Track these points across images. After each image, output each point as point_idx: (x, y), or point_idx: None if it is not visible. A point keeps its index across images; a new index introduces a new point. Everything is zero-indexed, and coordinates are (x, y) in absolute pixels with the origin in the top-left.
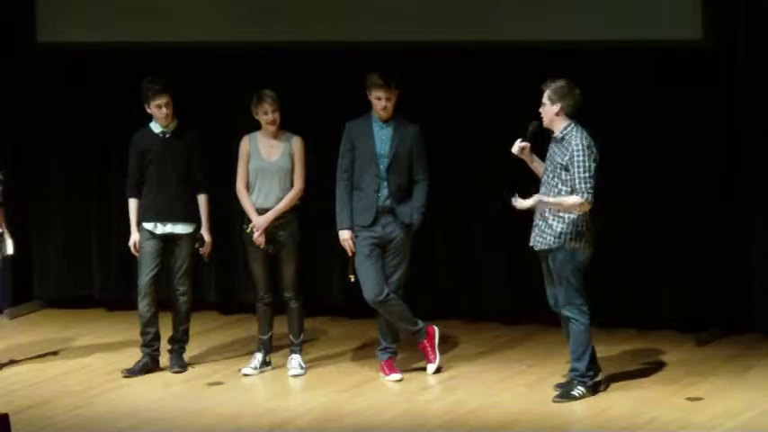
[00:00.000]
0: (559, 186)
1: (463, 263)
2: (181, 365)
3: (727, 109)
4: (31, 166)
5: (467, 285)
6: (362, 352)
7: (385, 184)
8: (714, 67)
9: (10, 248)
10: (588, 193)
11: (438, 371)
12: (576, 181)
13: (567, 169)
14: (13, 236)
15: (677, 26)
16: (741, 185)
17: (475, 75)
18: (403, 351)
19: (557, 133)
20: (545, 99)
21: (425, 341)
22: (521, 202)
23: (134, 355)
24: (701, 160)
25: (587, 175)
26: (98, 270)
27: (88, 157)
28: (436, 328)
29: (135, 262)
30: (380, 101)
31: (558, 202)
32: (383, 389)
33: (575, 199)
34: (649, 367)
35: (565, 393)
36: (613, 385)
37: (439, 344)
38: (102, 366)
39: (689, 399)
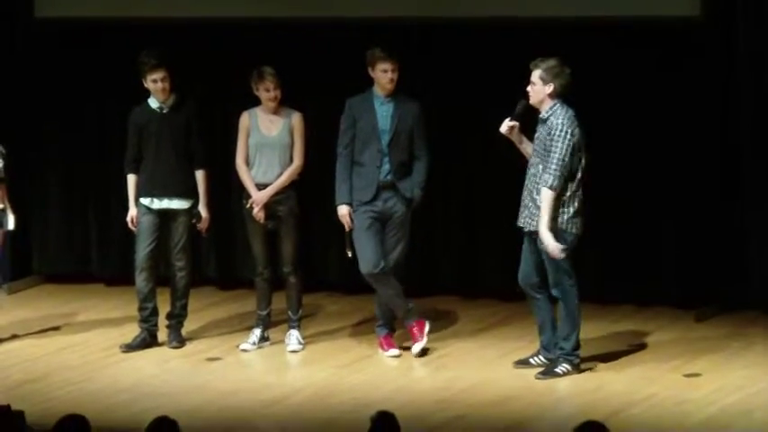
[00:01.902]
0: (541, 168)
1: (461, 239)
2: (179, 341)
3: (725, 87)
4: (30, 141)
5: (464, 262)
6: (361, 328)
7: (387, 159)
8: (713, 45)
9: (11, 224)
10: (554, 176)
11: (423, 353)
12: (549, 163)
13: (549, 151)
14: (15, 211)
15: (675, 2)
16: (740, 162)
17: (470, 51)
18: (401, 327)
19: (542, 114)
20: (536, 78)
21: (415, 324)
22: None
23: (132, 331)
24: (700, 137)
25: (558, 160)
26: (97, 245)
27: (87, 132)
28: (427, 323)
29: (133, 237)
30: (387, 73)
31: (544, 221)
32: (381, 364)
33: (544, 196)
34: (647, 344)
35: (549, 370)
36: (611, 362)
37: (428, 332)
38: (101, 341)
39: (687, 375)
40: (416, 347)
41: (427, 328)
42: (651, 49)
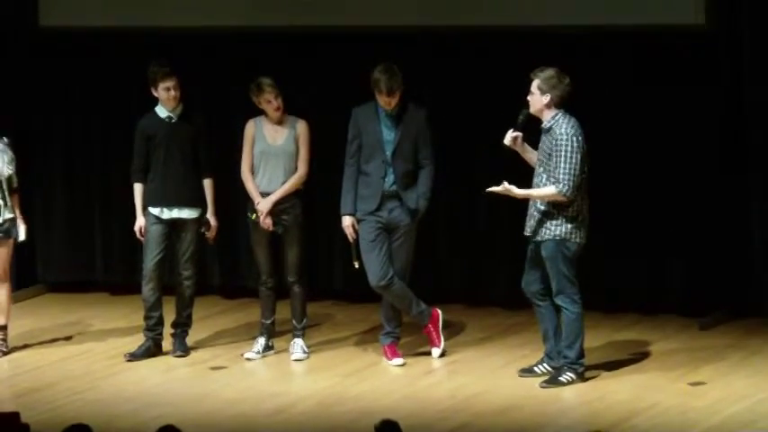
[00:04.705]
0: (545, 177)
1: (466, 248)
2: (184, 350)
3: (730, 94)
4: (34, 149)
5: (469, 270)
6: (365, 336)
7: (391, 169)
8: (717, 52)
9: (22, 234)
10: (567, 185)
11: (443, 355)
12: (557, 171)
13: (553, 160)
14: (26, 222)
15: (678, 10)
16: (746, 170)
17: (475, 60)
18: (406, 336)
19: (545, 123)
20: (534, 89)
21: (430, 325)
22: (493, 188)
23: (137, 340)
24: (704, 145)
25: (569, 166)
26: (101, 254)
27: (91, 141)
28: (439, 312)
29: (138, 246)
30: (386, 103)
31: (527, 193)
32: (386, 373)
33: (547, 190)
34: (651, 352)
35: (553, 379)
36: (615, 370)
37: (442, 327)
38: (105, 350)
39: (691, 384)
40: (435, 352)
41: (441, 321)
42: (656, 57)
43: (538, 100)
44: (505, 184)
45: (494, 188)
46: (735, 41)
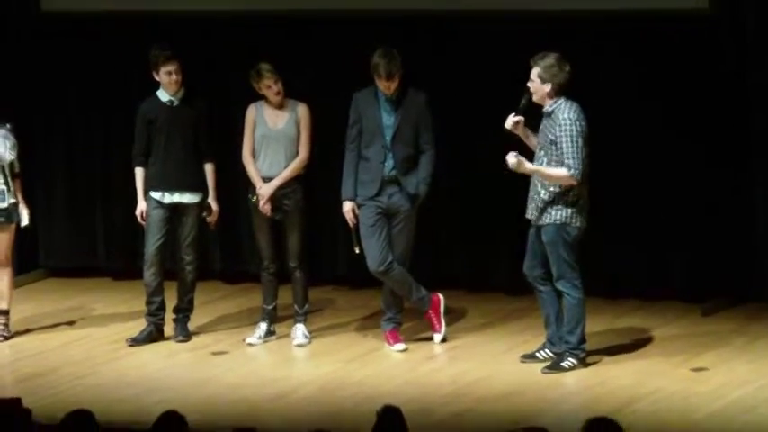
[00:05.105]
0: (545, 161)
1: (467, 233)
2: (185, 334)
3: (734, 79)
4: (36, 134)
5: (470, 256)
6: (367, 322)
7: (390, 154)
8: (720, 36)
9: (25, 219)
10: (577, 168)
11: (444, 340)
12: (565, 156)
13: (555, 144)
14: (28, 206)
15: None
16: (749, 155)
17: (477, 45)
18: (407, 321)
19: (546, 108)
20: (534, 77)
21: (430, 310)
22: (510, 157)
23: (139, 324)
24: (708, 130)
25: (575, 150)
26: (103, 239)
27: (92, 125)
28: (441, 297)
29: (140, 231)
30: (383, 87)
31: (537, 169)
32: (387, 359)
33: (559, 171)
34: (653, 338)
35: (555, 364)
36: (617, 355)
37: (444, 313)
38: (107, 335)
39: (693, 369)
40: (437, 337)
41: (442, 306)
42: (658, 42)
43: (539, 88)
44: (518, 156)
45: (507, 158)
46: (738, 26)
